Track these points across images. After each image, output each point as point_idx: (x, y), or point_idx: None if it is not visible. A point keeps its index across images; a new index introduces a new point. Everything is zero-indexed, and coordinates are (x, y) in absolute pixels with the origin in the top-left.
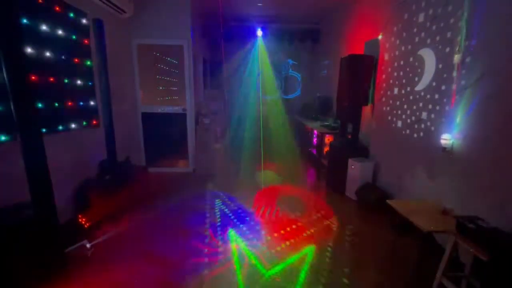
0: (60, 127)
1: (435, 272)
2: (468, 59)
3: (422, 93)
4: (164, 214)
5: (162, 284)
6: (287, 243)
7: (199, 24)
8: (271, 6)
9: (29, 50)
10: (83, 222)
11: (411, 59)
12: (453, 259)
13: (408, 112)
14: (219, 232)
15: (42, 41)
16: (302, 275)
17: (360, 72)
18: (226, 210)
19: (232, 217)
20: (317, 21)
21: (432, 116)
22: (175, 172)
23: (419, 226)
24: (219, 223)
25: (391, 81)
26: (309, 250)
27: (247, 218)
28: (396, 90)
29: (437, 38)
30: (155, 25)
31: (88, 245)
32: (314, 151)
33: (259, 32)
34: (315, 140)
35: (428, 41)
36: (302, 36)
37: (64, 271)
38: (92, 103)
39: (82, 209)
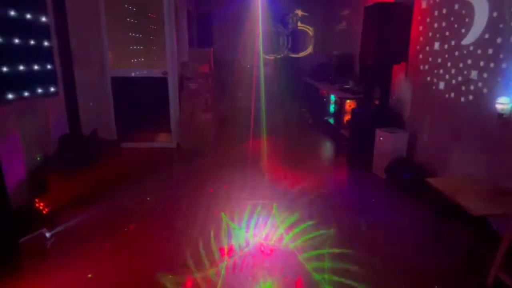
0: (10, 96)
1: (490, 265)
2: None
3: (471, 48)
4: (139, 200)
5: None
6: None
7: None
8: None
9: None
10: (41, 207)
11: (456, 6)
12: None
13: (453, 71)
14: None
15: None
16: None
17: (390, 23)
18: None
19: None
20: None
21: (485, 75)
22: (154, 147)
23: (469, 209)
24: None
25: (430, 33)
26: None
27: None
28: (437, 45)
29: None
30: None
31: (47, 235)
32: (331, 121)
33: None
34: (332, 107)
35: None
36: None
37: (17, 264)
38: (49, 67)
39: (40, 192)
